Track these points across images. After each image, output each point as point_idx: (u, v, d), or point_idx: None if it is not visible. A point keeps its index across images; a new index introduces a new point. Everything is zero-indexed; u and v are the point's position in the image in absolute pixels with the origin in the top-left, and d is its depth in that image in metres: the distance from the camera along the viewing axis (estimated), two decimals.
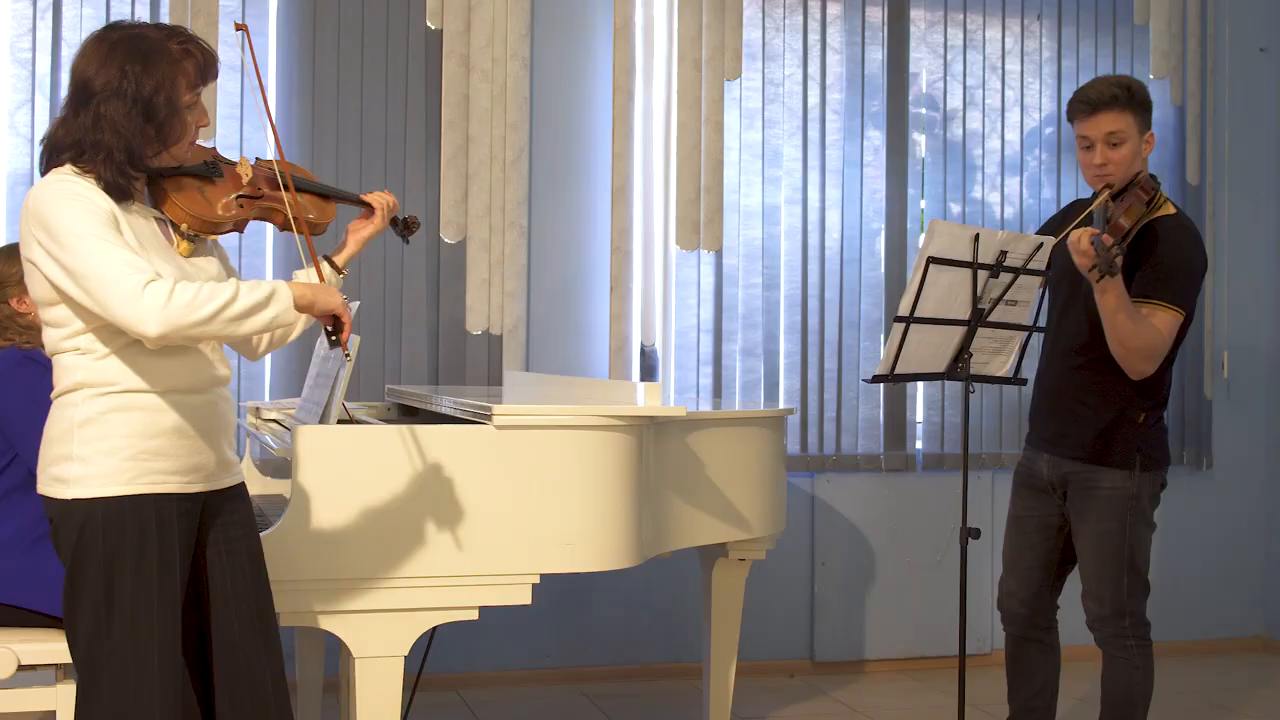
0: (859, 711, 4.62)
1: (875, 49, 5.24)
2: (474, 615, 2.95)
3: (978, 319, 3.05)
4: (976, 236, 2.97)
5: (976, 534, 3.13)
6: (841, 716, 4.57)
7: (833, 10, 5.18)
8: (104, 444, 2.31)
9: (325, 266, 2.66)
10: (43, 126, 4.36)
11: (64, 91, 4.30)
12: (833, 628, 5.16)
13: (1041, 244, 3.05)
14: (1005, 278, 3.03)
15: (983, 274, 3.00)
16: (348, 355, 2.46)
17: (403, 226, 2.87)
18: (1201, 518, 5.59)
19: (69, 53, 4.38)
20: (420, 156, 4.68)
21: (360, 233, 2.76)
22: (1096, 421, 3.34)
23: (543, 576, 2.97)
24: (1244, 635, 5.67)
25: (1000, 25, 5.39)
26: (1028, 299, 3.12)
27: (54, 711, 3.06)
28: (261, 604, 2.53)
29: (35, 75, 4.38)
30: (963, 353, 3.08)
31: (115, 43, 2.35)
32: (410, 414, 4.01)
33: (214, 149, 2.59)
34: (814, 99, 5.14)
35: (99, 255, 2.23)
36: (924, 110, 5.40)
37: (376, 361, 4.66)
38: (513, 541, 2.91)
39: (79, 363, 2.33)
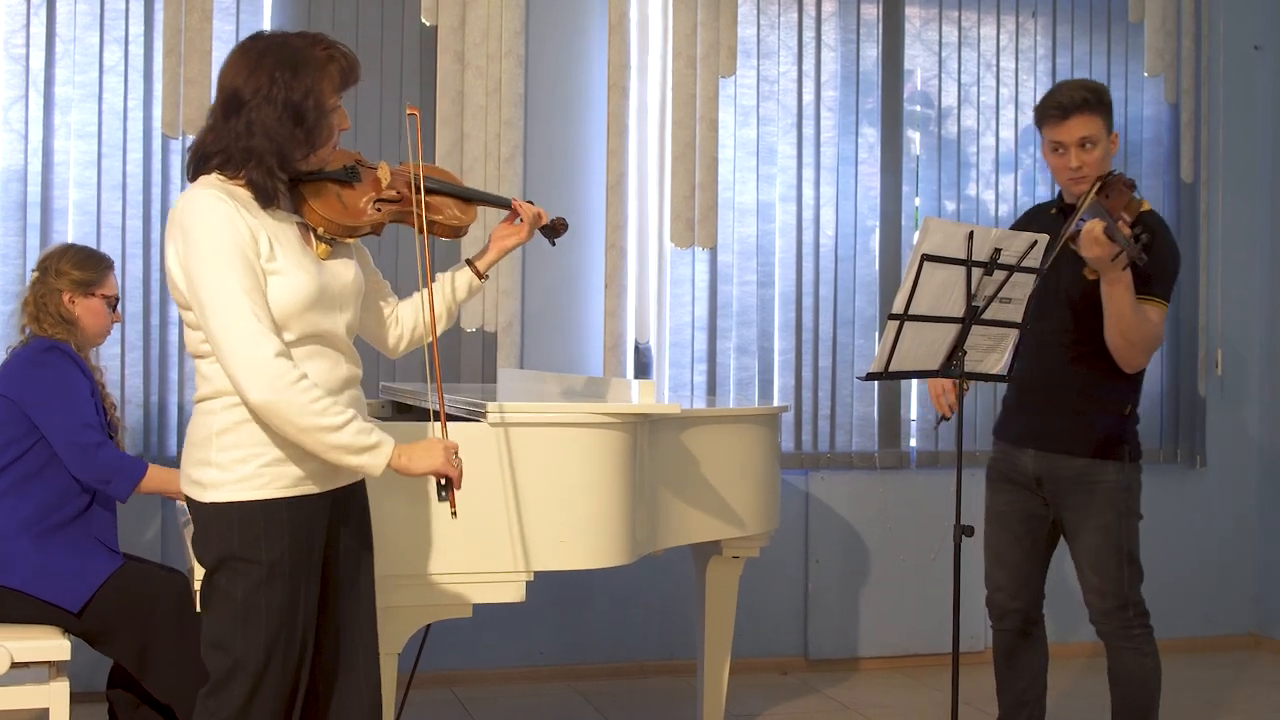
0: (852, 709, 4.62)
1: (870, 46, 5.24)
2: (468, 612, 2.96)
3: (972, 316, 3.05)
4: (971, 234, 2.97)
5: (970, 532, 3.14)
6: (835, 714, 4.57)
7: (827, 7, 5.17)
8: (239, 452, 2.36)
9: (466, 271, 2.72)
10: (36, 122, 4.36)
11: (58, 87, 4.36)
12: (827, 625, 5.17)
13: (1035, 241, 3.05)
14: (999, 275, 3.03)
15: (977, 271, 3.01)
16: (454, 514, 2.46)
17: (550, 230, 2.86)
18: (1194, 515, 5.59)
19: (62, 48, 4.39)
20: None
21: (504, 240, 2.78)
22: (1093, 416, 3.39)
23: (537, 574, 2.97)
24: (1236, 633, 5.67)
25: (995, 22, 5.39)
26: (1021, 296, 3.12)
27: (47, 709, 3.06)
28: (369, 598, 2.58)
29: (29, 71, 4.37)
30: (957, 350, 3.09)
31: (263, 51, 2.40)
32: (404, 411, 4.01)
33: (358, 153, 2.62)
34: (809, 96, 5.14)
35: (234, 303, 2.27)
36: (919, 107, 5.39)
37: (370, 359, 4.63)
38: (507, 539, 2.91)
39: (217, 370, 2.36)
